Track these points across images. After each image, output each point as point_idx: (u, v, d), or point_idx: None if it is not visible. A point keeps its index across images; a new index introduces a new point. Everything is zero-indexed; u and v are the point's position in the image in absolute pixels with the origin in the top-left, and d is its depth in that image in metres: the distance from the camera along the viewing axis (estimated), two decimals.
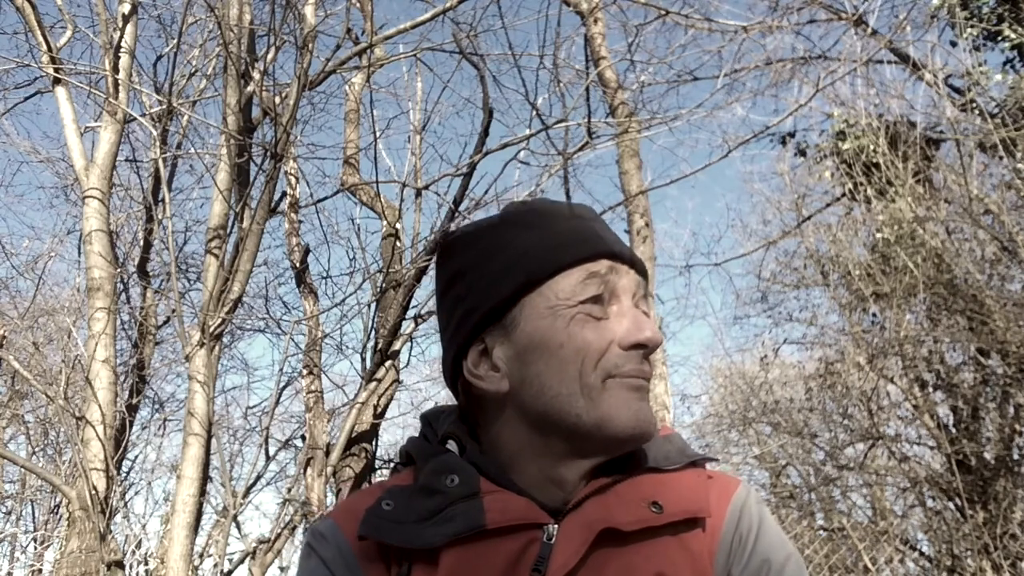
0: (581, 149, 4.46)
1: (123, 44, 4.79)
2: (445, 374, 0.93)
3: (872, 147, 7.14)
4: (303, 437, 5.28)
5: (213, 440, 3.89)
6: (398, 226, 4.92)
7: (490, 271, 0.86)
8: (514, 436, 0.85)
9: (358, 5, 5.43)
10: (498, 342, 0.85)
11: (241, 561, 4.67)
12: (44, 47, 4.59)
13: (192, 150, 6.32)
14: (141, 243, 6.79)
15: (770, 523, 0.88)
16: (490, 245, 0.88)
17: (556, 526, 0.81)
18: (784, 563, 0.84)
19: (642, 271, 0.89)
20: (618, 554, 0.80)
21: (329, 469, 4.32)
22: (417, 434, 0.96)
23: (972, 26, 7.33)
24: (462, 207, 4.08)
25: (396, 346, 4.36)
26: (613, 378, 0.81)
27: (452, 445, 0.89)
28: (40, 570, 6.57)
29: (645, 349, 0.83)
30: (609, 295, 0.84)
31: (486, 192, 4.55)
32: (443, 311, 0.92)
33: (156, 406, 8.00)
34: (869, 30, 7.64)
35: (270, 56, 4.68)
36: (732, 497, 0.88)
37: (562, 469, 0.84)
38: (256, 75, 4.50)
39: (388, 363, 4.41)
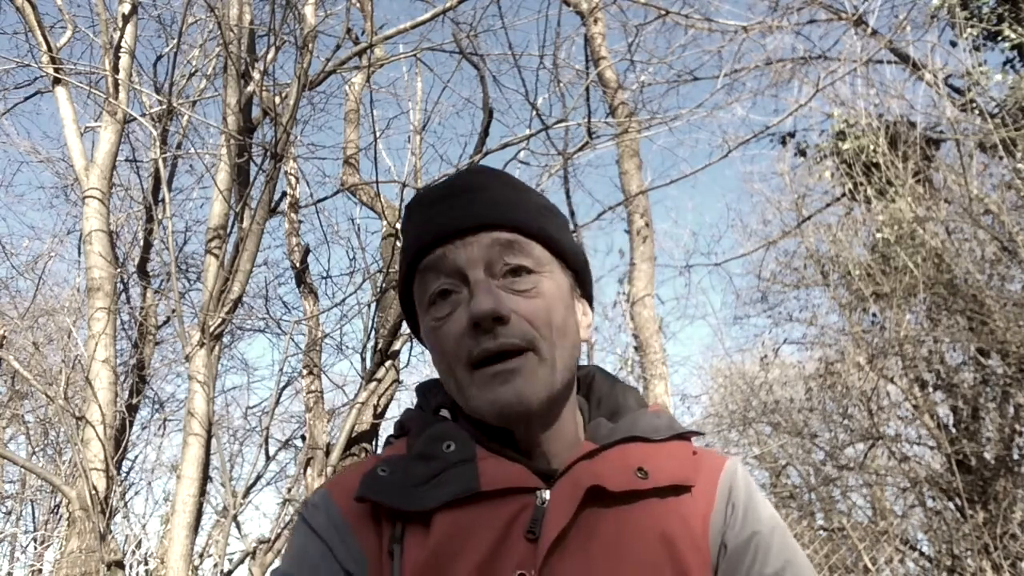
0: (581, 149, 4.47)
1: (123, 44, 4.79)
2: None
3: (872, 147, 7.14)
4: (303, 437, 5.27)
5: (213, 440, 3.89)
6: (398, 226, 4.92)
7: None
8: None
9: (358, 5, 5.42)
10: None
11: (241, 561, 4.67)
12: (44, 47, 4.58)
13: (192, 150, 6.31)
14: (141, 243, 6.78)
15: (759, 496, 0.90)
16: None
17: (548, 491, 0.82)
18: (771, 532, 0.87)
19: (501, 224, 0.85)
20: (609, 514, 0.81)
21: (329, 469, 4.32)
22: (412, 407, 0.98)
23: (972, 26, 7.33)
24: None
25: (396, 346, 4.36)
26: (473, 367, 0.82)
27: (446, 413, 0.91)
28: (40, 570, 6.57)
29: (480, 326, 0.81)
30: (455, 278, 0.84)
31: None
32: None
33: (156, 406, 8.00)
34: (869, 30, 7.64)
35: (270, 56, 4.68)
36: (723, 469, 0.90)
37: (521, 436, 0.85)
38: (256, 75, 4.50)
39: (388, 363, 4.41)
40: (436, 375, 0.93)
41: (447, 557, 0.78)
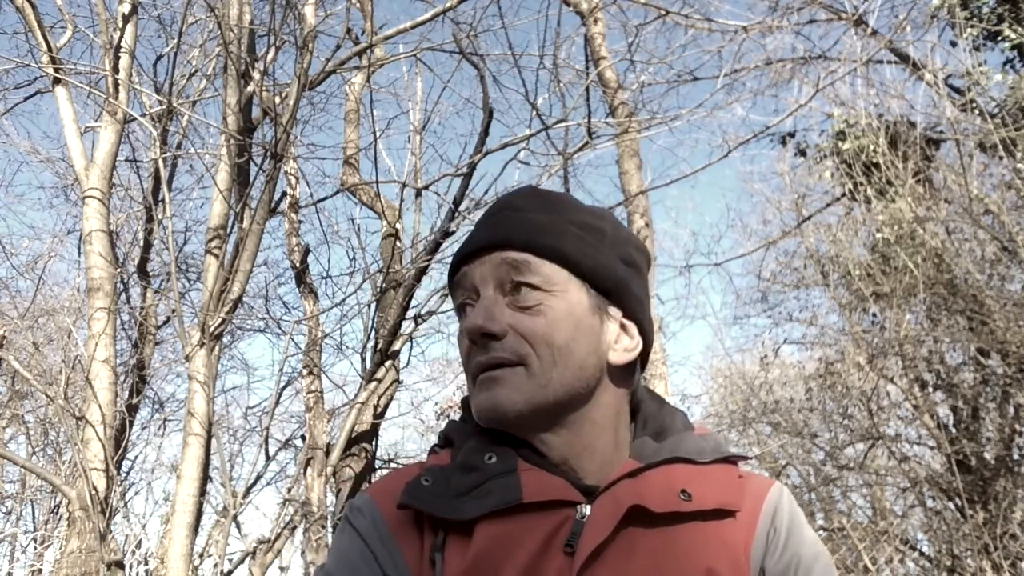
0: (581, 149, 4.47)
1: (123, 44, 4.79)
2: None
3: (872, 147, 7.14)
4: (303, 437, 5.28)
5: (213, 440, 3.89)
6: (398, 226, 4.92)
7: None
8: None
9: (358, 5, 5.42)
10: None
11: (241, 561, 4.68)
12: (44, 47, 4.58)
13: (192, 150, 6.32)
14: (141, 243, 6.79)
15: (803, 522, 0.90)
16: None
17: (589, 506, 0.83)
18: (813, 561, 0.87)
19: (512, 244, 0.87)
20: (648, 534, 0.82)
21: (329, 469, 4.32)
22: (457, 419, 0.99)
23: (972, 26, 7.33)
24: (462, 207, 4.08)
25: (396, 346, 4.36)
26: (474, 375, 0.87)
27: None
28: (40, 570, 6.57)
29: (475, 342, 0.86)
30: (474, 296, 0.90)
31: (486, 192, 4.55)
32: None
33: (156, 406, 8.00)
34: (869, 30, 7.64)
35: (270, 56, 4.68)
36: (768, 494, 0.90)
37: (546, 448, 0.87)
38: (256, 75, 4.50)
39: (388, 363, 4.41)
40: (436, 375, 0.94)
41: (487, 567, 0.79)
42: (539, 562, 0.79)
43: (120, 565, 3.93)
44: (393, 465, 6.14)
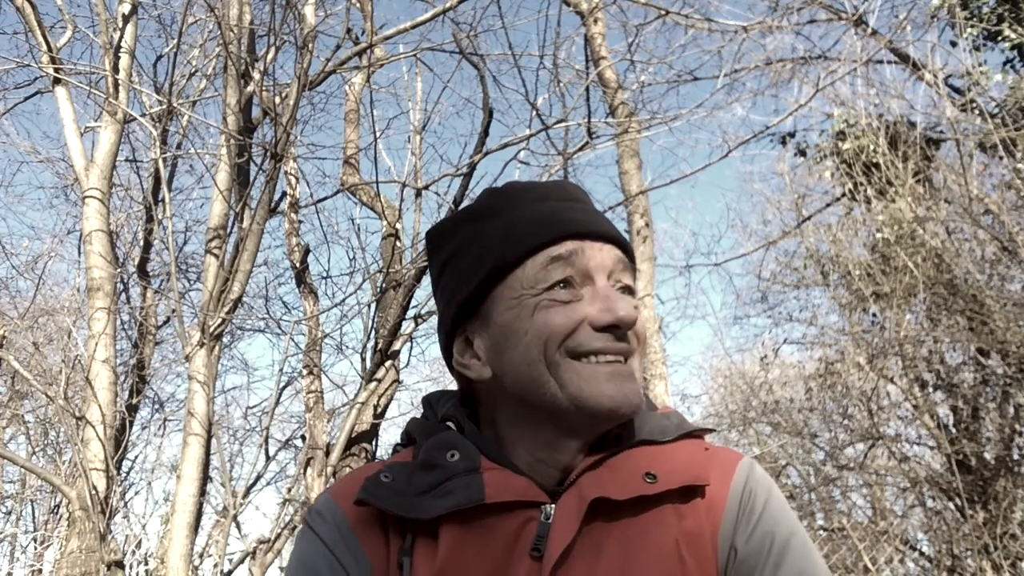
0: (581, 149, 4.46)
1: (123, 44, 4.79)
2: (445, 360, 0.94)
3: (872, 147, 7.14)
4: (303, 437, 5.27)
5: (213, 440, 3.89)
6: (398, 226, 4.92)
7: (463, 265, 0.88)
8: (506, 419, 0.87)
9: (358, 5, 5.42)
10: (476, 333, 0.87)
11: (241, 561, 4.68)
12: (44, 47, 4.58)
13: (192, 150, 6.31)
14: (141, 243, 6.79)
15: (777, 497, 0.86)
16: (465, 238, 0.89)
17: (554, 506, 0.81)
18: (788, 538, 0.82)
19: (622, 244, 0.88)
20: (616, 527, 0.79)
21: (329, 469, 4.32)
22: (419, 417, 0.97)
23: (972, 26, 7.33)
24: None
25: (396, 346, 4.36)
26: (583, 357, 0.81)
27: (452, 425, 0.90)
28: (40, 570, 6.57)
29: (618, 330, 0.82)
30: (581, 276, 0.84)
31: None
32: (436, 302, 0.95)
33: (156, 406, 8.00)
34: (869, 30, 7.64)
35: (270, 56, 4.68)
36: (736, 469, 0.87)
37: (552, 448, 0.84)
38: (256, 75, 4.50)
39: (388, 363, 4.41)
40: (436, 375, 0.92)
41: (455, 573, 0.78)
42: (506, 568, 0.77)
43: (120, 565, 3.93)
44: None
